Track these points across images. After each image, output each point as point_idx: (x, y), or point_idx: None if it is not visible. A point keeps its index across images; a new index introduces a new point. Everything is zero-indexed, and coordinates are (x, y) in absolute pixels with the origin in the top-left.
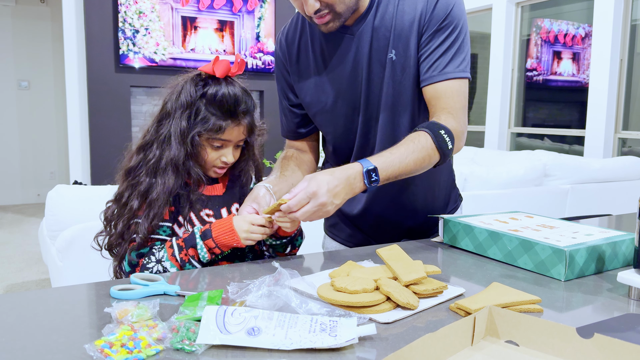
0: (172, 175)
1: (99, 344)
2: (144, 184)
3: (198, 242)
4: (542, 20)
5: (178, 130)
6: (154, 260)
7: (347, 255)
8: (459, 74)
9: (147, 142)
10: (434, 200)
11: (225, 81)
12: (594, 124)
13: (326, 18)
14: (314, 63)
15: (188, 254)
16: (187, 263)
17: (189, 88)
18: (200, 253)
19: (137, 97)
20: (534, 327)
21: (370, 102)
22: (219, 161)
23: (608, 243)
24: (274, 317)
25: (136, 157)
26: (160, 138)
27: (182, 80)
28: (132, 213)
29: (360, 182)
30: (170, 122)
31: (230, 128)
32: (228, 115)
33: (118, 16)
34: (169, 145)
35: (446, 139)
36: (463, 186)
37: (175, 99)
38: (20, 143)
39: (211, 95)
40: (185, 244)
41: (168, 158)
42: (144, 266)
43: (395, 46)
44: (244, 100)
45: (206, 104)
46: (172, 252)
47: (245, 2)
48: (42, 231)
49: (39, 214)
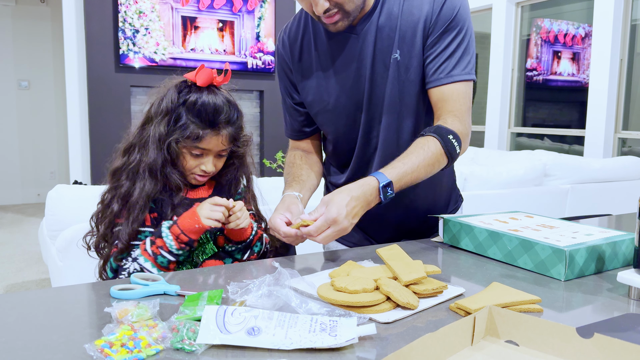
0: (150, 179)
1: (99, 344)
2: (124, 187)
3: (164, 230)
4: (542, 20)
5: (156, 135)
6: (130, 259)
7: (347, 255)
8: (465, 76)
9: (130, 145)
10: (435, 201)
11: (207, 90)
12: (594, 124)
13: (335, 17)
14: (316, 62)
15: (158, 246)
16: (158, 255)
17: (171, 94)
18: (166, 241)
19: (137, 97)
20: (534, 327)
21: (373, 102)
22: (199, 169)
23: (608, 243)
24: (274, 317)
25: (121, 159)
26: (142, 142)
27: (168, 84)
28: (113, 215)
29: (376, 198)
30: (151, 127)
31: (209, 137)
32: (207, 124)
33: (118, 16)
34: (147, 150)
35: (454, 144)
36: (463, 186)
37: (158, 104)
38: (20, 143)
39: (191, 103)
40: (154, 236)
41: (146, 163)
42: (122, 267)
43: (400, 46)
44: (225, 110)
45: (186, 111)
46: (144, 247)
47: (245, 2)
48: (42, 231)
49: (39, 213)
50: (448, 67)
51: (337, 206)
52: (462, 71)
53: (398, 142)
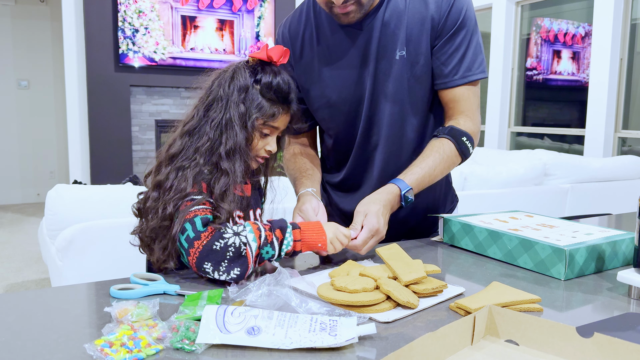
0: (239, 160)
1: (98, 344)
2: (198, 166)
3: (288, 227)
4: (542, 19)
5: (237, 114)
6: (230, 231)
7: (347, 255)
8: (478, 75)
9: (194, 127)
10: (435, 200)
11: (276, 68)
12: (594, 123)
13: (349, 8)
14: (318, 56)
15: (274, 235)
16: (269, 244)
17: (242, 73)
18: (287, 238)
19: (136, 96)
20: (534, 327)
21: (374, 98)
22: (264, 150)
23: (608, 242)
24: (274, 316)
25: (180, 142)
26: (214, 123)
27: (230, 67)
28: (183, 195)
29: (397, 203)
30: (225, 106)
31: (282, 115)
32: (281, 102)
33: (118, 15)
34: (232, 130)
35: (467, 145)
36: (463, 185)
37: (228, 83)
38: (19, 142)
39: (267, 81)
40: (272, 225)
41: (232, 143)
42: (220, 234)
43: (406, 43)
44: (294, 88)
45: (261, 90)
46: (257, 226)
47: (245, 2)
48: (41, 231)
49: (39, 213)
50: (461, 69)
51: (376, 216)
52: (475, 71)
53: (402, 140)
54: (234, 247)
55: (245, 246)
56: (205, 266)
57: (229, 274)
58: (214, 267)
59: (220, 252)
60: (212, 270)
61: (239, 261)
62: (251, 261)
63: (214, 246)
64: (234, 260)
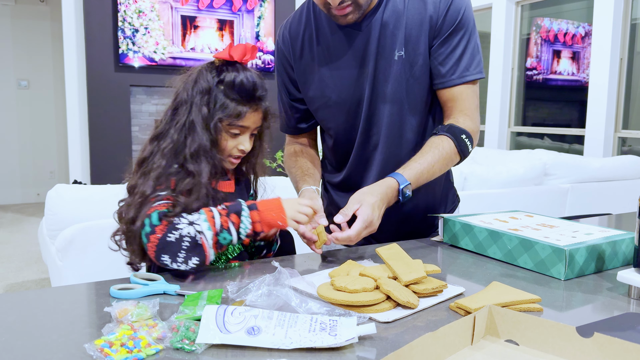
0: (204, 162)
1: (98, 344)
2: (159, 168)
3: (244, 209)
4: (542, 19)
5: (200, 116)
6: (184, 221)
7: (347, 255)
8: (475, 75)
9: (160, 132)
10: (435, 200)
11: (241, 67)
12: (593, 123)
13: (347, 10)
14: (318, 57)
15: (230, 220)
16: (225, 230)
17: (205, 75)
18: (244, 222)
19: (136, 96)
20: (534, 327)
21: (374, 98)
22: (236, 150)
23: (608, 242)
24: (274, 316)
25: (149, 147)
26: (178, 125)
27: (195, 69)
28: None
29: (395, 198)
30: (189, 110)
31: (249, 114)
32: (247, 101)
33: (117, 15)
34: (194, 132)
35: (467, 143)
36: (463, 185)
37: (192, 86)
38: (19, 142)
39: (229, 81)
40: (228, 210)
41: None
42: (172, 226)
43: (405, 44)
44: (260, 85)
45: (224, 90)
46: (211, 214)
47: (245, 2)
48: (41, 230)
49: (39, 213)
50: (459, 68)
51: (371, 208)
52: (472, 71)
53: (401, 140)
54: (190, 237)
55: (201, 234)
56: (163, 258)
57: (188, 264)
58: (171, 258)
59: (176, 244)
60: (170, 262)
61: (196, 250)
62: (208, 249)
63: (168, 238)
64: (190, 250)
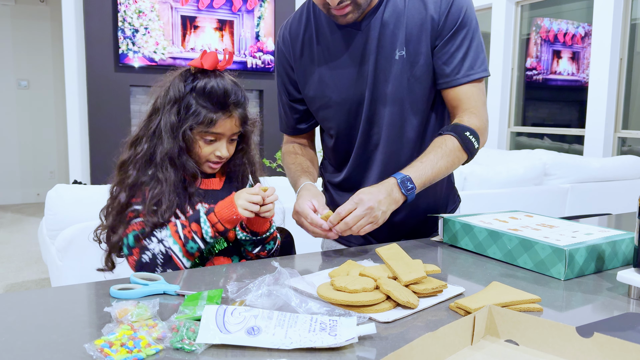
0: (171, 169)
1: (98, 344)
2: (131, 177)
3: (202, 216)
4: (541, 19)
5: (168, 125)
6: (155, 240)
7: (346, 255)
8: (481, 74)
9: (137, 137)
10: (435, 200)
11: (213, 74)
12: (593, 123)
13: (346, 9)
14: (318, 57)
15: (191, 230)
16: (190, 240)
17: (177, 83)
18: (204, 227)
19: (136, 96)
20: (534, 327)
21: (375, 98)
22: (213, 156)
23: (608, 242)
24: (274, 316)
25: (127, 152)
26: (149, 133)
27: (171, 76)
28: (121, 206)
29: (398, 192)
30: (159, 118)
31: (222, 121)
32: (219, 108)
33: (117, 15)
34: (161, 140)
35: (472, 140)
36: (463, 185)
37: (164, 94)
38: (19, 142)
39: (200, 88)
40: (188, 220)
41: (162, 152)
42: (144, 247)
43: (406, 44)
44: (234, 92)
45: (196, 97)
46: (175, 229)
47: (245, 2)
48: (41, 231)
49: (39, 213)
50: (463, 68)
51: (370, 196)
52: (477, 69)
53: (402, 139)
54: (162, 254)
55: (169, 250)
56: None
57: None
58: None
59: (152, 263)
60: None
61: (171, 263)
62: (179, 261)
63: (143, 260)
64: (165, 264)
